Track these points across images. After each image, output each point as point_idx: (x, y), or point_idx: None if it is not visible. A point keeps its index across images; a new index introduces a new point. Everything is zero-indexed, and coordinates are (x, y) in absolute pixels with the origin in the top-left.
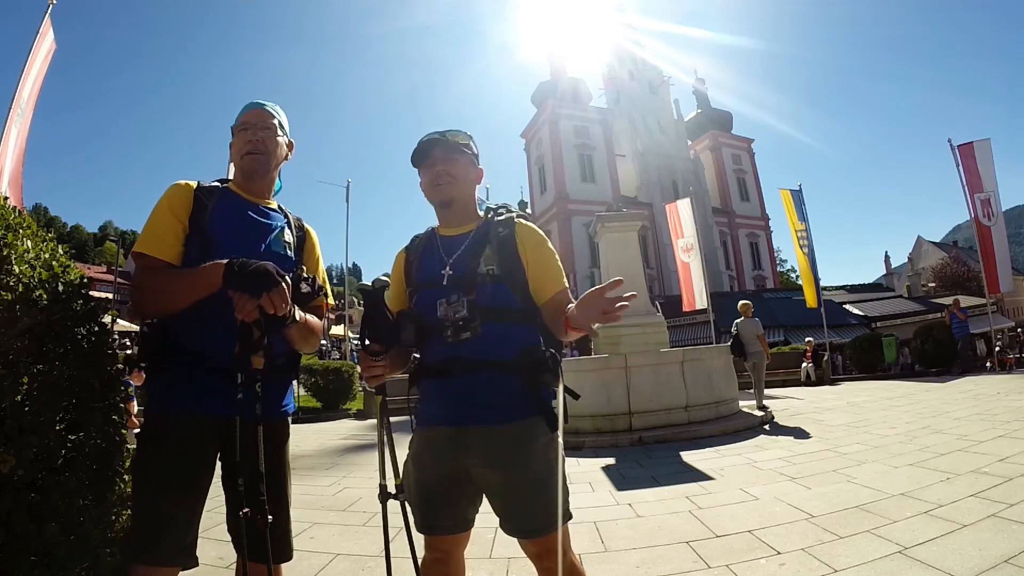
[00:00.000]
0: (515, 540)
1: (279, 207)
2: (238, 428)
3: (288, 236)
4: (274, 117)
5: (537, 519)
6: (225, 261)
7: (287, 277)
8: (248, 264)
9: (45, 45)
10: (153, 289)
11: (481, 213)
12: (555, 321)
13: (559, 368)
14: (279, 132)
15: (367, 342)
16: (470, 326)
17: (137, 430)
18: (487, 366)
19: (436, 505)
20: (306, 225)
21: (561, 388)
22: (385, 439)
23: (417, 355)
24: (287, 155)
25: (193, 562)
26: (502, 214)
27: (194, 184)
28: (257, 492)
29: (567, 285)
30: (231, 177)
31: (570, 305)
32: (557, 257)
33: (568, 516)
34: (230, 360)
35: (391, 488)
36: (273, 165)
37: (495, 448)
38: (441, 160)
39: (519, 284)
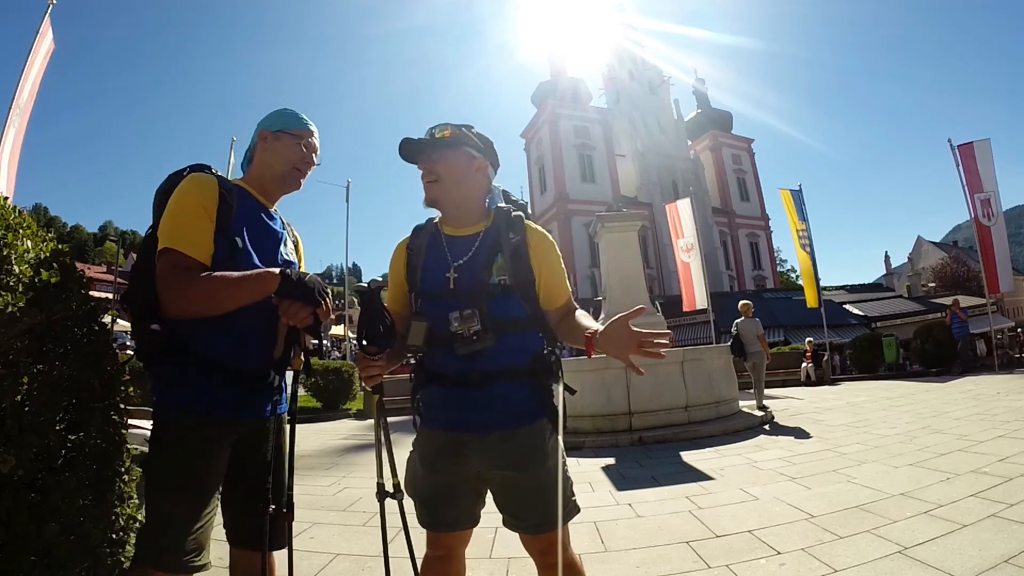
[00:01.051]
0: (515, 540)
1: (275, 210)
2: (273, 427)
3: (290, 243)
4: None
5: (547, 515)
6: (278, 270)
7: (327, 290)
8: (302, 276)
9: (44, 45)
10: (193, 291)
11: (492, 210)
12: (561, 327)
13: (560, 368)
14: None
15: (364, 343)
16: (483, 339)
17: (136, 430)
18: (502, 376)
19: (446, 503)
20: (294, 230)
21: (561, 388)
22: (383, 438)
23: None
24: None
25: (207, 566)
26: (509, 213)
27: (215, 179)
28: (287, 488)
29: (570, 293)
30: (232, 175)
31: (590, 324)
32: (562, 261)
33: (577, 509)
34: (255, 363)
35: (389, 487)
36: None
37: (513, 451)
38: (425, 158)
39: (529, 293)
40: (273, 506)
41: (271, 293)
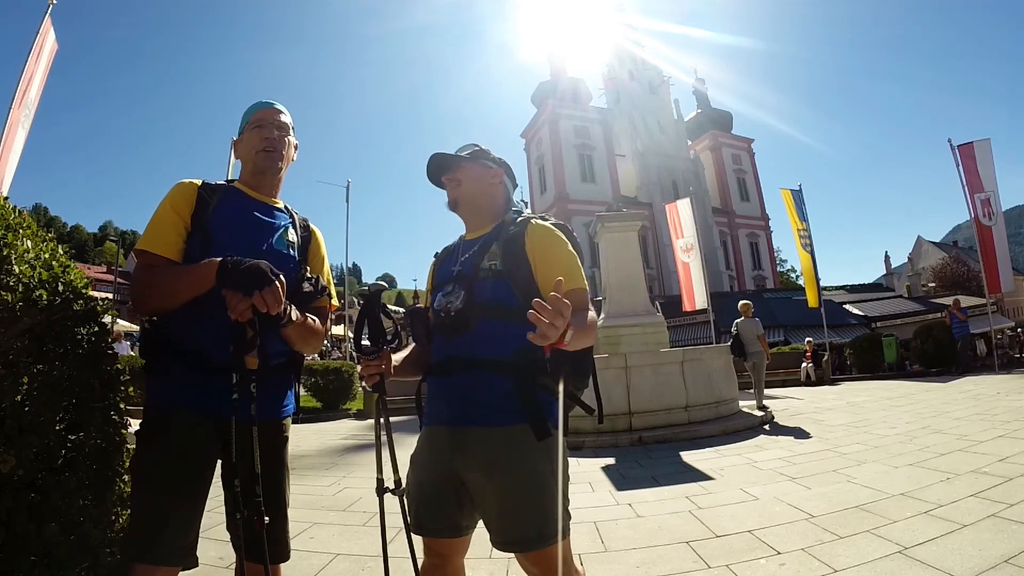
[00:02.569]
0: None
1: (285, 207)
2: (233, 429)
3: (292, 235)
4: (284, 114)
5: (523, 530)
6: (219, 259)
7: (281, 276)
8: (241, 262)
9: (47, 45)
10: (148, 285)
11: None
12: None
13: (562, 372)
14: (289, 132)
15: (360, 343)
16: (464, 318)
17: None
18: (483, 365)
19: (430, 505)
20: (312, 225)
21: (561, 393)
22: (383, 435)
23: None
24: (293, 156)
25: (193, 562)
26: (519, 216)
27: (198, 182)
28: (253, 494)
29: (583, 286)
30: (231, 176)
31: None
32: (575, 257)
33: (554, 537)
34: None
35: (389, 484)
36: (284, 164)
37: (487, 450)
38: (448, 169)
39: (523, 282)
40: (246, 511)
41: (212, 282)
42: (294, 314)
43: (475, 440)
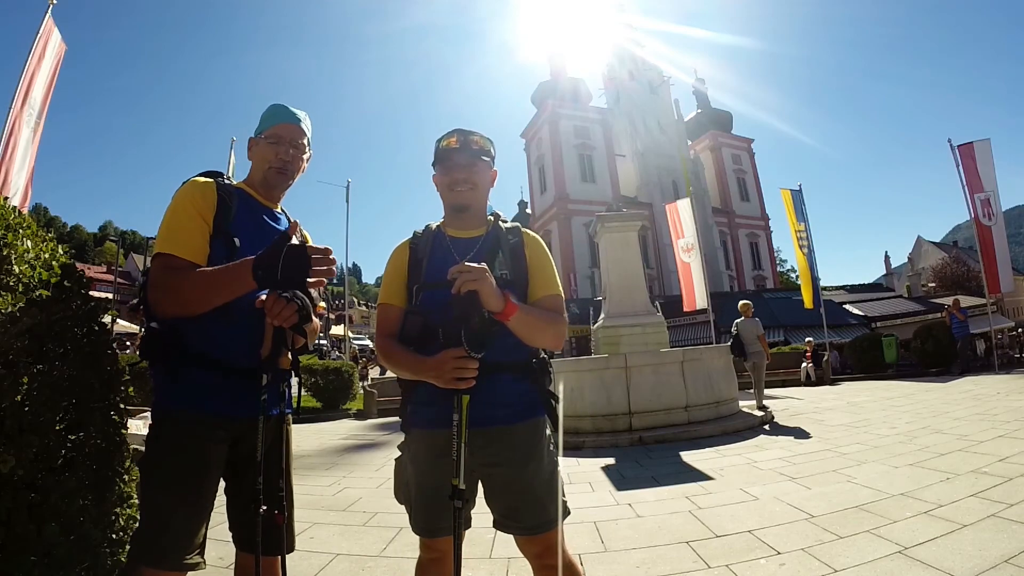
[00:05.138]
0: (514, 540)
1: (282, 210)
2: (261, 427)
3: (296, 242)
4: (305, 135)
5: (544, 515)
6: (252, 258)
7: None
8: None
9: (52, 46)
10: (177, 289)
11: (489, 217)
12: None
13: (552, 369)
14: (306, 149)
15: (473, 343)
16: (494, 327)
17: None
18: (504, 368)
19: (439, 507)
20: (303, 230)
21: (560, 389)
22: (464, 438)
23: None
24: (305, 168)
25: (201, 565)
26: (507, 222)
27: (213, 182)
28: (277, 488)
29: (559, 293)
30: (231, 175)
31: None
32: (555, 268)
33: (567, 512)
34: (249, 360)
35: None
36: (295, 179)
37: (509, 447)
38: (463, 166)
39: (525, 288)
40: (265, 507)
41: (249, 288)
42: (313, 319)
43: (497, 439)
